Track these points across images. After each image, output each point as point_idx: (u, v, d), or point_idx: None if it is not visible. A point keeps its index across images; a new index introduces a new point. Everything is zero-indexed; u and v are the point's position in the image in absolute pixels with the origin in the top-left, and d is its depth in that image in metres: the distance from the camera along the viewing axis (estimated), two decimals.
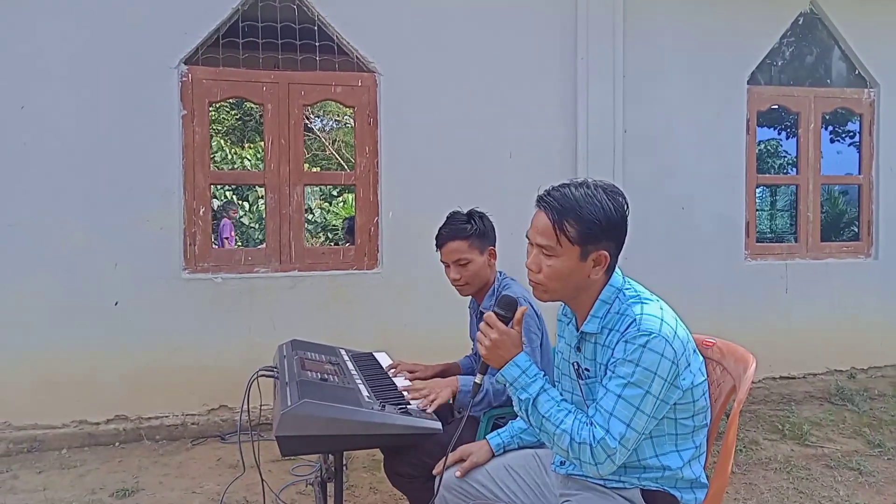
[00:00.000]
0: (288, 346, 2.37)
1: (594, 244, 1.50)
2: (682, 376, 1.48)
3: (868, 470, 3.35)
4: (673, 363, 1.45)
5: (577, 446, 1.45)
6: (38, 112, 3.70)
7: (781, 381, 4.73)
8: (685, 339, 1.50)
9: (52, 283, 3.73)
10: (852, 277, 4.90)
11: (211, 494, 3.11)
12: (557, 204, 1.50)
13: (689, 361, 1.51)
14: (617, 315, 1.53)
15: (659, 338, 1.44)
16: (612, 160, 4.38)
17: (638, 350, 1.44)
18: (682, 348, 1.48)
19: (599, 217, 1.48)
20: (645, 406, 1.44)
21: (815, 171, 4.95)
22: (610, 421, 1.44)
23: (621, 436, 1.43)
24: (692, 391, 1.52)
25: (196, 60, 3.95)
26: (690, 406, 1.53)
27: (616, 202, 1.52)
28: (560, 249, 1.50)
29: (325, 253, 4.31)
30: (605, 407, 1.46)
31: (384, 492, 3.10)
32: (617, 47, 4.41)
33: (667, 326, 1.46)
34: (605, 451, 1.43)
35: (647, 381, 1.43)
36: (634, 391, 1.43)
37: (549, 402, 1.52)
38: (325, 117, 13.70)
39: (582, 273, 1.52)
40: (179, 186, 3.90)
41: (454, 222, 2.33)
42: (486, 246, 2.33)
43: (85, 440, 3.75)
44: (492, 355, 1.56)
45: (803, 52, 5.04)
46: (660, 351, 1.43)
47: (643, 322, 1.46)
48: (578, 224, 1.48)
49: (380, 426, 1.76)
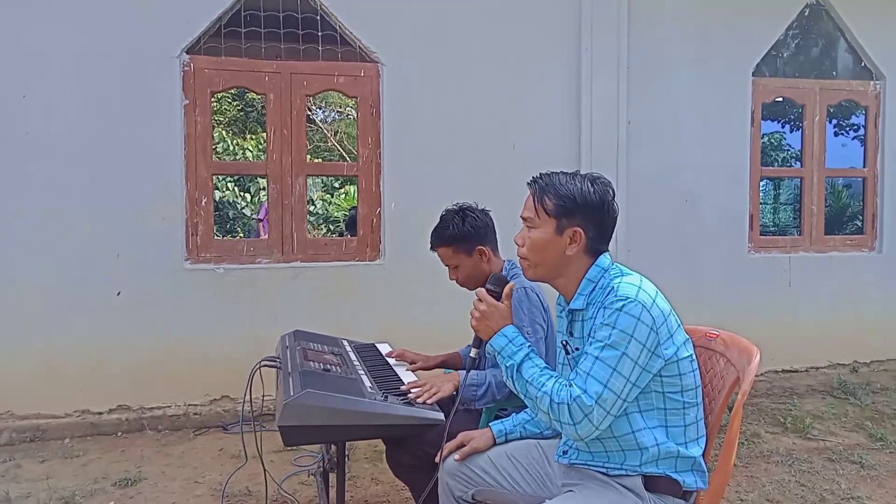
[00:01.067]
0: (290, 336, 2.37)
1: (568, 219, 1.60)
2: (664, 346, 1.52)
3: (870, 463, 3.35)
4: (651, 329, 1.49)
5: (557, 406, 1.49)
6: (41, 102, 3.69)
7: (784, 374, 4.73)
8: (666, 310, 1.55)
9: (55, 274, 3.73)
10: (856, 271, 4.89)
11: (213, 484, 3.11)
12: (542, 182, 1.66)
13: (672, 333, 1.54)
14: (601, 290, 1.60)
15: (635, 302, 1.49)
16: (616, 152, 4.36)
17: (614, 314, 1.50)
18: (662, 318, 1.52)
19: (574, 194, 1.60)
20: (622, 367, 1.48)
21: (820, 164, 4.93)
22: (587, 380, 1.49)
23: (598, 395, 1.47)
24: (678, 364, 1.55)
25: (198, 50, 3.93)
26: (677, 380, 1.56)
27: (598, 186, 1.63)
28: (539, 221, 1.63)
29: (328, 244, 4.31)
30: (583, 369, 1.51)
31: (386, 483, 3.11)
32: (621, 39, 4.38)
33: (644, 293, 1.52)
34: (582, 409, 1.47)
35: (623, 343, 1.48)
36: (611, 352, 1.48)
37: (534, 367, 1.58)
38: (327, 108, 13.65)
39: (558, 247, 1.61)
40: (181, 177, 3.89)
41: (439, 227, 2.32)
42: (473, 247, 2.28)
43: (88, 430, 3.76)
44: (481, 326, 1.66)
45: (809, 43, 5.01)
46: (636, 315, 1.48)
47: (620, 288, 1.53)
48: (555, 198, 1.61)
49: (382, 416, 1.76)
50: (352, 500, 2.92)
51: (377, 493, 3.04)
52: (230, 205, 10.77)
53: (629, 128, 4.42)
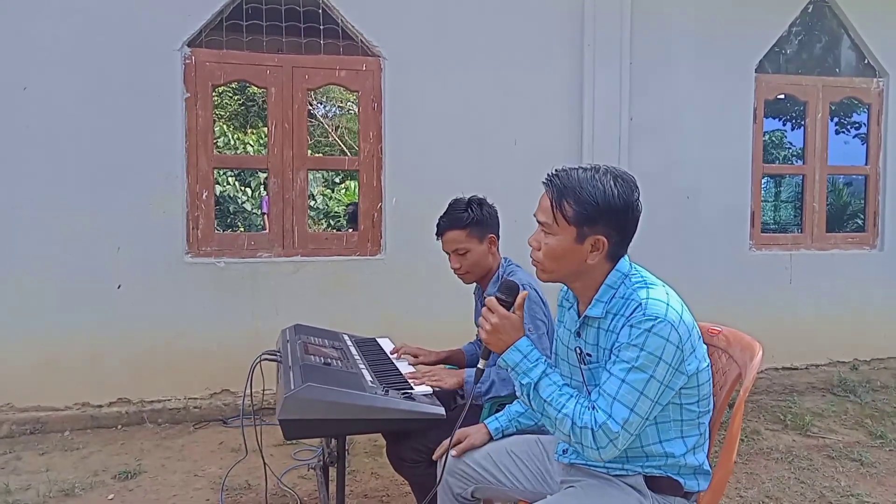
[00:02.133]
0: (291, 330, 2.37)
1: (591, 227, 1.48)
2: (688, 361, 1.47)
3: (869, 461, 3.35)
4: (678, 348, 1.43)
5: (580, 430, 1.43)
6: (41, 94, 3.68)
7: (784, 371, 4.73)
8: (690, 324, 1.48)
9: (55, 267, 3.73)
10: (857, 269, 4.88)
11: (213, 478, 3.11)
12: (560, 183, 1.51)
13: (695, 347, 1.49)
14: (622, 300, 1.51)
15: (664, 322, 1.42)
16: (618, 148, 4.35)
17: (643, 334, 1.42)
18: (688, 333, 1.46)
19: (598, 199, 1.47)
20: (649, 391, 1.42)
21: (822, 161, 4.92)
22: (613, 405, 1.42)
23: (624, 420, 1.41)
24: (697, 376, 1.51)
25: (199, 43, 3.92)
26: (695, 392, 1.52)
27: (622, 188, 1.49)
28: (557, 228, 1.51)
29: (328, 238, 4.30)
30: (608, 391, 1.44)
31: (385, 477, 3.11)
32: (624, 34, 4.37)
33: (672, 311, 1.44)
34: (608, 435, 1.41)
35: (652, 366, 1.41)
36: (639, 375, 1.42)
37: (551, 386, 1.51)
38: (328, 103, 13.63)
39: (578, 256, 1.51)
40: (182, 170, 3.88)
41: (452, 211, 2.31)
42: (486, 234, 2.29)
43: (87, 422, 3.76)
44: (493, 339, 1.56)
45: (812, 40, 4.99)
46: (665, 335, 1.41)
47: (649, 306, 1.44)
48: (576, 204, 1.48)
49: (383, 411, 1.75)
50: (351, 495, 2.92)
51: (377, 487, 3.04)
52: (231, 199, 10.76)
53: (631, 124, 4.41)
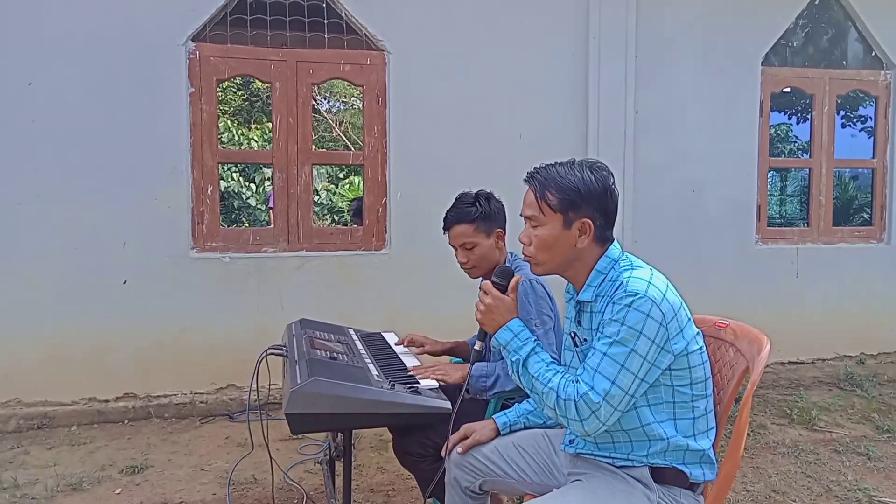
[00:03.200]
0: (297, 325, 2.37)
1: (575, 211, 1.56)
2: (674, 340, 1.49)
3: (876, 455, 3.34)
4: (661, 325, 1.46)
5: (563, 403, 1.47)
6: (47, 89, 3.68)
7: (790, 365, 4.72)
8: (676, 304, 1.51)
9: (61, 262, 3.74)
10: (864, 263, 4.86)
11: (219, 472, 3.13)
12: (541, 177, 1.61)
13: (682, 327, 1.52)
14: (610, 283, 1.57)
15: (644, 298, 1.46)
16: (623, 142, 4.34)
17: (623, 309, 1.47)
18: (672, 312, 1.49)
19: (578, 185, 1.56)
20: (630, 364, 1.45)
21: (829, 155, 4.89)
22: (594, 377, 1.46)
23: (605, 392, 1.44)
24: (687, 357, 1.52)
25: (204, 38, 3.91)
26: (686, 373, 1.53)
27: (598, 174, 1.59)
28: (544, 218, 1.58)
29: (333, 233, 4.30)
30: (591, 364, 1.49)
31: (391, 472, 3.11)
32: (630, 27, 4.35)
33: (654, 289, 1.48)
34: (589, 406, 1.45)
35: (632, 340, 1.45)
36: (619, 349, 1.46)
37: (539, 363, 1.56)
38: (332, 98, 13.61)
39: (568, 241, 1.58)
40: (187, 165, 3.88)
41: (459, 205, 2.30)
42: (493, 228, 2.28)
43: (94, 417, 3.78)
44: (486, 319, 1.64)
45: (819, 32, 4.96)
46: (645, 311, 1.45)
47: (629, 283, 1.49)
48: (558, 192, 1.56)
49: (389, 405, 1.75)
50: (357, 489, 2.93)
51: (382, 481, 3.05)
52: (235, 195, 10.77)
53: (637, 117, 4.39)
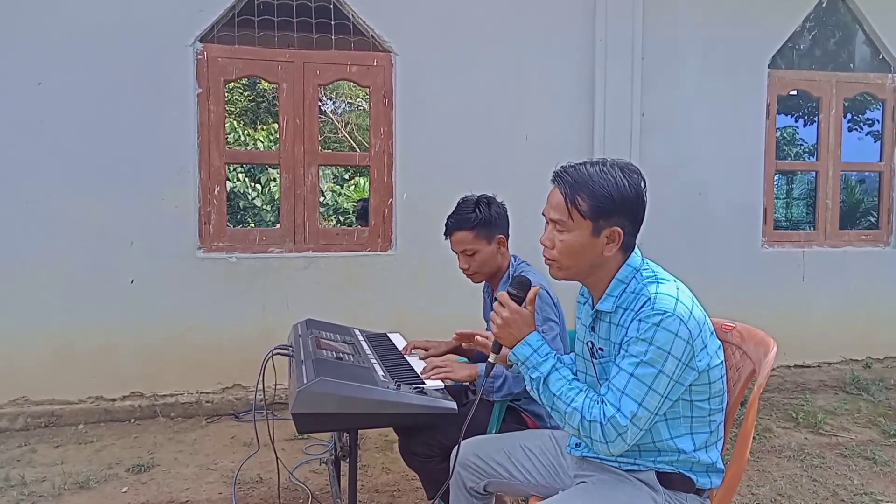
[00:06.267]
0: (303, 325, 2.37)
1: (606, 219, 1.49)
2: (698, 357, 1.46)
3: (883, 459, 3.33)
4: (688, 343, 1.43)
5: (588, 424, 1.44)
6: (55, 89, 3.70)
7: (796, 369, 4.70)
8: (701, 320, 1.47)
9: (69, 261, 3.76)
10: (871, 266, 4.84)
11: (225, 472, 3.14)
12: (571, 178, 1.51)
13: (706, 343, 1.48)
14: (632, 294, 1.51)
15: (673, 317, 1.41)
16: (629, 144, 4.33)
17: (651, 329, 1.41)
18: (698, 329, 1.45)
19: (612, 192, 1.47)
20: (658, 385, 1.42)
21: (836, 158, 4.88)
22: (621, 399, 1.42)
23: (633, 414, 1.41)
24: (709, 373, 1.50)
25: (211, 38, 3.93)
26: (706, 388, 1.51)
27: (631, 179, 1.50)
28: (572, 224, 1.50)
29: (340, 234, 4.31)
30: (617, 385, 1.44)
31: (396, 472, 3.12)
32: (636, 29, 4.34)
33: (682, 306, 1.44)
34: (616, 429, 1.41)
35: (661, 361, 1.41)
36: (647, 370, 1.41)
37: (561, 380, 1.51)
38: (338, 99, 13.62)
39: (595, 249, 1.51)
40: (194, 165, 3.90)
41: (460, 211, 2.29)
42: (495, 234, 2.27)
43: (101, 416, 3.80)
44: (503, 334, 1.57)
45: (826, 35, 4.94)
46: (674, 330, 1.41)
47: (657, 301, 1.43)
48: (590, 198, 1.48)
49: (395, 405, 1.76)
50: (362, 489, 2.93)
51: (387, 482, 3.05)
52: (241, 195, 10.79)
53: (643, 119, 4.39)
